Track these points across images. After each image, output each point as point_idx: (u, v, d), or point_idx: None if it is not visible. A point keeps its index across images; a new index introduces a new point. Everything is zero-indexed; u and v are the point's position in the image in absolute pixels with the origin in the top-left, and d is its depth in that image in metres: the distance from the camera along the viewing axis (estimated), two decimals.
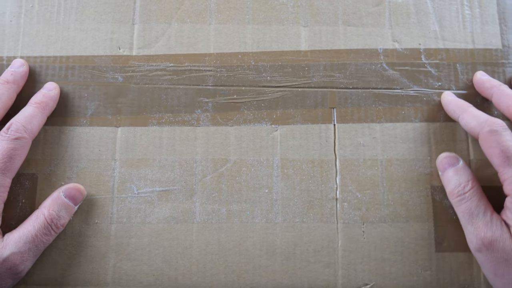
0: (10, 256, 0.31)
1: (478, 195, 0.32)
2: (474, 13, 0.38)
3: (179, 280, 0.34)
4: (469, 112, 0.34)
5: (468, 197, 0.32)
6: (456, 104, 0.35)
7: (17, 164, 0.33)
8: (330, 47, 0.38)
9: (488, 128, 0.32)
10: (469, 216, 0.32)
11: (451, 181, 0.34)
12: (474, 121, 0.33)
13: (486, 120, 0.32)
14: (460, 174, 0.34)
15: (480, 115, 0.33)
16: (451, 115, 0.36)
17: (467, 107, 0.34)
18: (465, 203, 0.32)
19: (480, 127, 0.32)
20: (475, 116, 0.33)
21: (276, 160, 0.36)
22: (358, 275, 0.34)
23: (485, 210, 0.32)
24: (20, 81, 0.35)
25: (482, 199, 0.32)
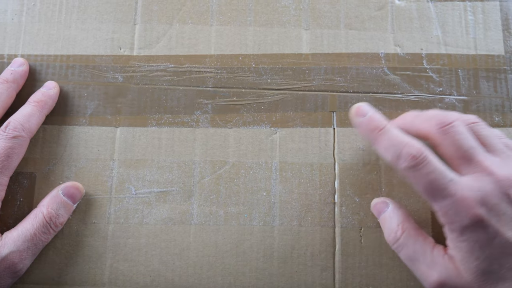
0: (9, 254, 0.31)
1: (412, 237, 0.31)
2: (477, 18, 0.38)
3: (176, 282, 0.34)
4: (382, 141, 0.30)
5: (403, 243, 0.31)
6: (366, 128, 0.31)
7: (14, 163, 0.33)
8: (332, 51, 0.38)
9: (404, 164, 0.28)
10: (410, 262, 0.31)
11: (384, 229, 0.33)
12: (389, 155, 0.29)
13: (400, 153, 0.29)
14: (390, 220, 0.32)
15: (394, 144, 0.29)
16: (365, 139, 0.32)
17: (379, 131, 0.30)
18: (402, 250, 0.31)
19: (396, 162, 0.29)
20: (389, 146, 0.29)
21: (275, 163, 0.36)
22: (355, 279, 0.34)
23: (424, 252, 0.30)
24: (19, 80, 0.35)
25: (418, 241, 0.31)
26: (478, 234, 0.28)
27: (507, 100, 0.37)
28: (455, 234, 0.28)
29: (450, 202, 0.28)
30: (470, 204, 0.27)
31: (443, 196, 0.28)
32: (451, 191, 0.28)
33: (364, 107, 0.32)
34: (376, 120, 0.31)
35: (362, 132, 0.31)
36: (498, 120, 0.36)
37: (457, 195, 0.28)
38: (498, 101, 0.37)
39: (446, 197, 0.28)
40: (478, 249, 0.28)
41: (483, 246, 0.28)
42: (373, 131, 0.31)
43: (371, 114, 0.31)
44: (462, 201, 0.27)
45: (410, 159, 0.28)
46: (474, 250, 0.28)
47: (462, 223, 0.28)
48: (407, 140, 0.29)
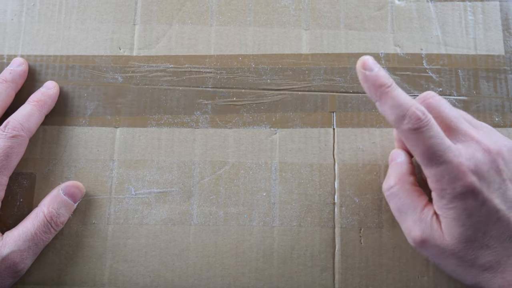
0: (10, 254, 0.31)
1: (405, 191, 0.31)
2: (477, 19, 0.38)
3: (175, 282, 0.34)
4: (387, 99, 0.29)
5: (395, 193, 0.31)
6: (373, 83, 0.29)
7: (14, 162, 0.33)
8: (331, 51, 0.38)
9: (409, 125, 0.28)
10: (399, 213, 0.31)
11: (386, 177, 0.33)
12: (393, 114, 0.29)
13: (405, 114, 0.28)
14: (394, 170, 0.33)
15: (400, 103, 0.28)
16: (368, 95, 0.30)
17: (386, 88, 0.29)
18: (392, 200, 0.32)
19: (399, 122, 0.28)
20: (394, 105, 0.28)
21: (275, 164, 0.36)
22: (355, 280, 0.34)
23: (414, 207, 0.30)
24: (18, 80, 0.35)
25: (410, 195, 0.31)
26: (468, 202, 0.28)
27: (507, 100, 0.37)
28: (444, 200, 0.29)
29: (445, 168, 0.28)
30: (464, 171, 0.28)
31: (440, 162, 0.28)
32: (448, 157, 0.28)
33: (371, 61, 0.29)
34: (383, 76, 0.29)
35: (368, 87, 0.29)
36: (498, 120, 0.36)
37: (454, 162, 0.28)
38: (498, 101, 0.37)
39: (442, 163, 0.28)
40: (465, 217, 0.28)
41: (471, 214, 0.28)
42: (379, 87, 0.29)
43: (378, 69, 0.29)
44: (457, 168, 0.28)
45: (415, 120, 0.28)
46: (461, 217, 0.28)
47: (454, 190, 0.28)
48: (413, 101, 0.29)
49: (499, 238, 0.28)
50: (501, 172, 0.29)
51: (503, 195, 0.28)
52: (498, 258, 0.29)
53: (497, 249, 0.29)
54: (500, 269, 0.29)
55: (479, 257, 0.29)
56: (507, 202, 0.28)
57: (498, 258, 0.29)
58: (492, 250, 0.29)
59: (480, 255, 0.29)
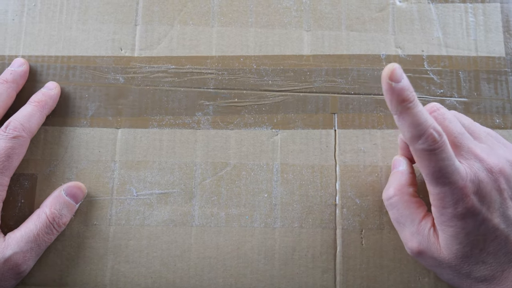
0: (13, 255, 0.31)
1: (404, 203, 0.31)
2: (478, 20, 0.38)
3: (177, 283, 0.34)
4: (407, 116, 0.28)
5: (393, 204, 0.32)
6: (397, 96, 0.27)
7: (15, 163, 0.33)
8: (333, 52, 0.38)
9: (423, 146, 0.27)
10: (397, 224, 0.32)
11: (386, 186, 0.34)
12: (409, 131, 0.28)
13: (423, 134, 0.27)
14: (394, 179, 0.33)
15: (420, 123, 0.27)
16: (388, 105, 0.29)
17: (409, 104, 0.27)
18: (391, 211, 0.32)
19: (414, 141, 0.28)
20: (413, 123, 0.27)
21: (276, 165, 0.36)
22: (356, 281, 0.34)
23: (412, 219, 0.31)
24: (19, 80, 0.35)
25: (409, 207, 0.31)
26: (467, 222, 0.28)
27: (507, 102, 0.37)
28: (444, 218, 0.29)
29: (450, 189, 0.28)
30: (467, 194, 0.28)
31: (445, 183, 0.28)
32: (455, 178, 0.28)
33: (399, 71, 0.27)
34: (408, 90, 0.27)
35: (390, 99, 0.28)
36: (499, 122, 0.36)
37: (458, 184, 0.28)
38: (498, 103, 0.37)
39: (447, 184, 0.28)
40: (463, 235, 0.29)
41: (469, 233, 0.29)
42: (402, 103, 0.27)
43: (405, 82, 0.27)
44: (460, 190, 0.28)
45: (431, 142, 0.27)
46: (459, 235, 0.29)
47: (455, 210, 0.28)
48: (432, 121, 0.28)
49: (495, 254, 0.29)
50: (502, 192, 0.29)
51: (503, 214, 0.29)
52: (493, 272, 0.29)
53: (492, 264, 0.29)
54: (494, 281, 0.29)
55: (474, 271, 0.29)
56: (506, 221, 0.29)
57: (493, 272, 0.29)
58: (488, 265, 0.29)
59: (476, 270, 0.29)
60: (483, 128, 0.32)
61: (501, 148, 0.31)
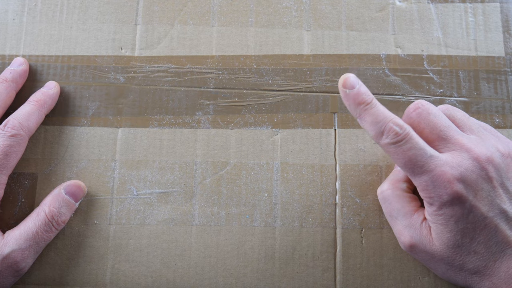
0: (11, 253, 0.31)
1: (396, 197, 0.32)
2: (477, 20, 0.38)
3: (177, 283, 0.34)
4: (366, 116, 0.30)
5: (386, 197, 0.33)
6: (353, 101, 0.30)
7: (13, 161, 0.33)
8: (333, 52, 0.38)
9: (387, 140, 0.29)
10: (390, 217, 0.33)
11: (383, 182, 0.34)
12: (372, 130, 0.30)
13: (383, 129, 0.29)
14: (391, 175, 0.34)
15: (378, 120, 0.29)
16: (350, 111, 0.31)
17: (365, 106, 0.30)
18: (383, 204, 0.33)
19: (378, 138, 0.30)
20: (373, 122, 0.29)
21: (276, 164, 0.36)
22: (357, 280, 0.34)
23: (404, 213, 0.31)
24: (19, 80, 0.35)
25: (401, 201, 0.32)
26: (455, 209, 0.29)
27: (507, 101, 0.37)
28: (433, 207, 0.29)
29: (429, 177, 0.28)
30: (449, 179, 0.28)
31: (422, 172, 0.29)
32: (430, 166, 0.28)
33: (352, 79, 0.30)
34: (363, 94, 0.30)
35: (348, 105, 0.31)
36: (499, 121, 0.37)
37: (436, 171, 0.28)
38: (498, 103, 0.37)
39: (425, 172, 0.29)
40: (453, 223, 0.29)
41: (458, 221, 0.29)
42: (359, 105, 0.30)
43: (359, 87, 0.30)
44: (440, 177, 0.28)
45: (393, 135, 0.29)
46: (448, 223, 0.29)
47: (441, 198, 0.29)
48: (391, 116, 0.29)
49: (486, 244, 0.29)
50: (491, 180, 0.29)
51: (492, 203, 0.29)
52: (485, 263, 0.29)
53: (484, 254, 0.29)
54: (487, 272, 0.29)
55: (467, 262, 0.30)
56: (495, 209, 0.29)
57: (485, 263, 0.29)
58: (480, 255, 0.29)
59: (468, 260, 0.30)
60: (476, 121, 0.33)
61: (492, 138, 0.31)
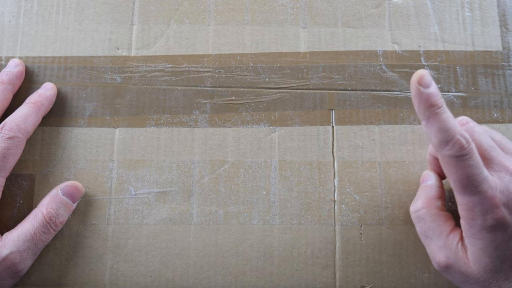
0: (9, 255, 0.31)
1: (432, 216, 0.31)
2: (474, 15, 0.38)
3: (176, 282, 0.34)
4: (435, 121, 0.28)
5: (421, 217, 0.31)
6: (425, 101, 0.28)
7: (11, 164, 0.33)
8: (329, 49, 0.38)
9: (451, 152, 0.28)
10: (424, 237, 0.31)
11: (414, 199, 0.33)
12: (437, 137, 0.28)
13: (450, 140, 0.28)
14: (422, 192, 0.33)
15: (447, 128, 0.28)
16: (416, 111, 0.29)
17: (437, 109, 0.28)
18: (418, 223, 0.32)
19: (441, 147, 0.28)
20: (441, 129, 0.28)
21: (274, 162, 0.36)
22: (356, 277, 0.34)
23: (440, 233, 0.30)
24: (15, 81, 0.35)
25: (436, 220, 0.31)
26: (496, 235, 0.28)
27: (505, 96, 0.37)
28: (473, 230, 0.28)
29: (479, 199, 0.28)
30: (497, 204, 0.27)
31: (474, 192, 0.28)
32: (483, 188, 0.27)
33: (428, 78, 0.28)
34: (436, 95, 0.28)
35: (418, 104, 0.28)
36: (497, 116, 0.36)
37: (487, 194, 0.27)
38: (496, 97, 0.37)
39: (476, 193, 0.28)
40: (493, 249, 0.28)
41: (498, 247, 0.28)
42: (430, 107, 0.28)
43: (434, 88, 0.28)
44: (490, 200, 0.27)
45: (458, 148, 0.27)
46: (488, 249, 0.28)
47: (485, 222, 0.28)
48: (459, 128, 0.28)
49: None
50: None
51: None
52: None
53: None
54: None
55: (503, 287, 0.29)
56: None
57: None
58: None
59: (505, 286, 0.29)
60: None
61: None
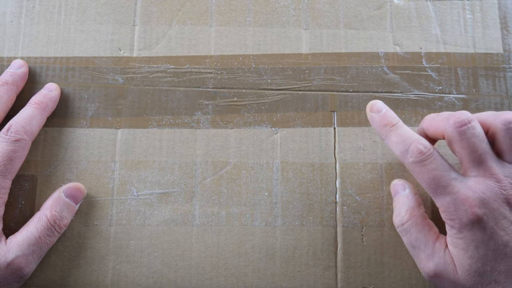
0: (15, 259, 0.31)
1: (417, 226, 0.31)
2: (475, 17, 0.38)
3: (178, 283, 0.34)
4: (392, 136, 0.32)
5: (407, 229, 0.31)
6: (379, 123, 0.33)
7: (17, 166, 0.33)
8: (331, 50, 0.38)
9: (411, 159, 0.30)
10: (411, 248, 0.32)
11: (394, 211, 0.33)
12: (398, 149, 0.31)
13: (408, 148, 0.30)
14: (402, 203, 0.33)
15: (403, 139, 0.31)
16: (377, 133, 0.34)
17: (391, 127, 0.32)
18: (405, 236, 0.32)
19: (403, 157, 0.30)
20: (398, 141, 0.31)
21: (276, 163, 0.36)
22: (358, 278, 0.34)
23: (426, 242, 0.31)
24: (19, 82, 0.35)
25: (422, 230, 0.31)
26: (475, 233, 0.28)
27: (506, 98, 0.37)
28: (453, 230, 0.29)
29: (452, 199, 0.29)
30: (470, 203, 0.28)
31: (445, 193, 0.29)
32: (454, 188, 0.29)
33: (379, 104, 0.34)
34: (389, 116, 0.33)
35: (375, 127, 0.33)
36: None
37: (459, 193, 0.28)
38: (497, 99, 0.37)
39: (448, 193, 0.29)
40: (473, 248, 0.28)
41: (478, 246, 0.28)
42: (385, 127, 0.32)
43: (385, 111, 0.33)
44: (463, 199, 0.28)
45: (417, 154, 0.30)
46: (469, 248, 0.29)
47: (461, 220, 0.28)
48: (415, 136, 0.31)
49: (507, 274, 0.28)
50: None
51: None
52: None
53: (504, 285, 0.29)
54: None
55: None
56: None
57: None
58: (501, 285, 0.29)
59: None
60: None
61: None
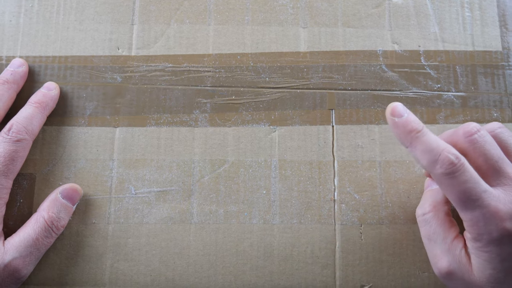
0: (12, 261, 0.31)
1: (438, 220, 0.31)
2: (474, 15, 0.38)
3: (176, 281, 0.34)
4: (418, 144, 0.28)
5: (427, 220, 0.31)
6: (403, 129, 0.29)
7: (18, 166, 0.33)
8: (329, 49, 0.38)
9: (441, 170, 0.27)
10: (428, 241, 0.31)
11: (420, 203, 0.33)
12: (425, 158, 0.28)
13: (438, 158, 0.27)
14: (429, 196, 0.32)
15: (432, 148, 0.28)
16: (399, 141, 0.30)
17: (417, 133, 0.29)
18: (424, 226, 0.31)
19: (431, 167, 0.28)
20: (426, 150, 0.28)
21: (274, 161, 0.36)
22: (356, 276, 0.34)
23: (444, 237, 0.30)
24: (20, 81, 0.35)
25: (442, 225, 0.30)
26: (503, 248, 0.27)
27: (505, 95, 0.37)
28: (479, 244, 0.28)
29: (481, 213, 0.27)
30: (501, 217, 0.27)
31: (475, 206, 0.27)
32: (484, 202, 0.27)
33: (400, 108, 0.30)
34: (413, 121, 0.29)
35: (398, 133, 0.29)
36: (497, 115, 0.36)
37: (490, 207, 0.27)
38: (496, 97, 0.37)
39: (477, 207, 0.27)
40: (499, 261, 0.27)
41: (504, 260, 0.27)
42: (409, 133, 0.29)
43: (408, 115, 0.29)
44: (494, 214, 0.27)
45: (448, 165, 0.27)
46: (493, 261, 0.28)
47: (490, 235, 0.27)
48: (445, 145, 0.28)
49: None
50: None
51: None
52: None
53: None
54: None
55: None
56: None
57: None
58: None
59: None
60: None
61: None
